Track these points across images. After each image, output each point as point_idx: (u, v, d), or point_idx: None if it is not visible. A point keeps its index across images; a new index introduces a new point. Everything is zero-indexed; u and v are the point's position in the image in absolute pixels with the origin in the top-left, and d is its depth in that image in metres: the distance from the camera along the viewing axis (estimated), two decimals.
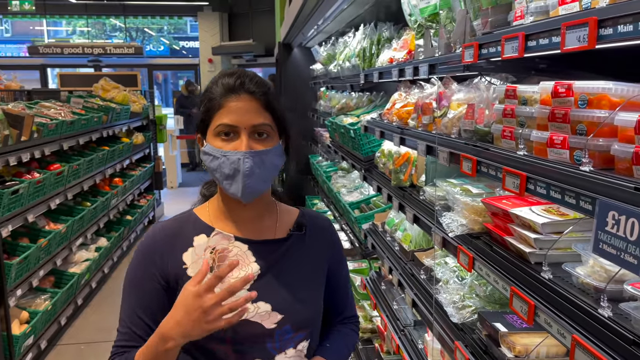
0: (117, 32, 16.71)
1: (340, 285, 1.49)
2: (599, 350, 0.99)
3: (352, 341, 1.52)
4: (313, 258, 1.40)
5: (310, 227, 1.42)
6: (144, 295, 1.29)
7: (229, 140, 1.25)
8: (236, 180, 1.24)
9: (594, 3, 1.09)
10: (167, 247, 1.31)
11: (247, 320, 1.25)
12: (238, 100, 1.24)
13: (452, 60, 1.76)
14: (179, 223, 1.35)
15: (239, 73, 1.29)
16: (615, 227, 0.93)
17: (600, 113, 1.09)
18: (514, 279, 1.34)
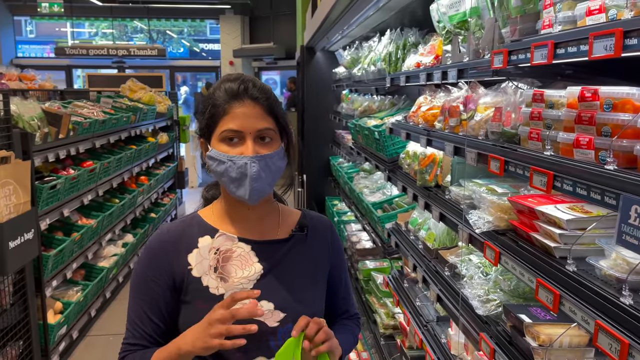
0: (139, 33, 17.02)
1: (342, 285, 1.54)
2: (621, 334, 1.08)
3: (356, 333, 1.57)
4: (314, 258, 1.44)
5: (311, 227, 1.46)
6: (151, 295, 1.33)
7: (234, 145, 1.28)
8: (243, 184, 1.28)
9: (620, 15, 1.18)
10: (172, 248, 1.35)
11: (251, 319, 1.28)
12: (242, 106, 1.28)
13: (481, 66, 1.85)
14: (184, 225, 1.40)
15: (242, 78, 1.33)
16: (637, 220, 1.01)
17: (625, 116, 1.18)
18: (539, 272, 1.43)
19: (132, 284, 1.39)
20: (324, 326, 1.26)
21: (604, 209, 1.41)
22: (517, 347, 1.62)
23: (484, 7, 1.91)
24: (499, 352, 1.67)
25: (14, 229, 2.94)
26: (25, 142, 3.27)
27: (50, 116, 3.68)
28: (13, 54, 13.11)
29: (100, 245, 4.67)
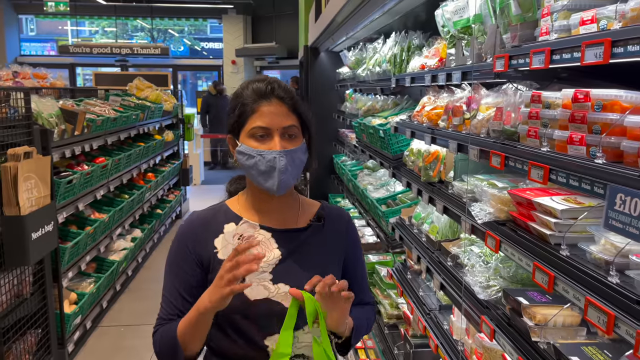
0: (139, 32, 17.12)
1: (357, 273, 1.62)
2: (608, 307, 1.22)
3: (371, 318, 1.64)
4: (330, 246, 1.54)
5: (329, 219, 1.56)
6: (183, 273, 1.46)
7: (263, 141, 1.40)
8: (272, 177, 1.38)
9: (610, 25, 1.32)
10: (201, 233, 1.47)
11: (269, 299, 1.40)
12: (269, 105, 1.40)
13: (483, 69, 1.99)
14: (213, 212, 1.52)
15: (268, 80, 1.45)
16: (622, 206, 1.16)
17: (613, 116, 1.32)
18: (536, 256, 1.57)
19: (167, 265, 1.51)
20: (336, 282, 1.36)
21: (594, 200, 1.56)
22: (515, 328, 1.76)
23: (486, 14, 2.06)
24: (499, 332, 1.82)
25: (35, 221, 3.08)
26: (44, 138, 3.41)
27: (66, 113, 3.81)
28: (17, 52, 13.22)
29: (111, 239, 4.81)
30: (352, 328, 1.50)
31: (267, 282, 1.42)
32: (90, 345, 4.11)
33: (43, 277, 3.43)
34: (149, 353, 4.01)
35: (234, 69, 13.53)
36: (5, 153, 2.99)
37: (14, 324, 3.10)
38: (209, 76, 16.34)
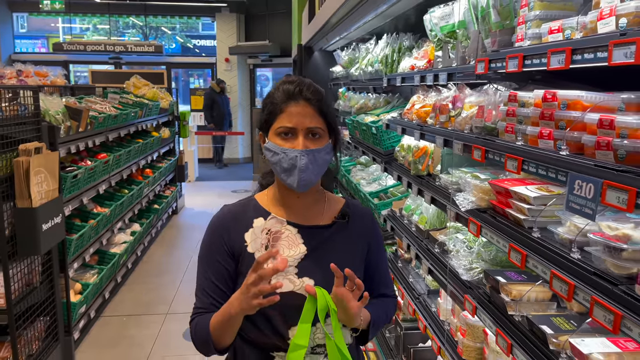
0: (131, 29, 17.13)
1: (380, 267, 1.66)
2: (572, 279, 1.42)
3: (390, 311, 1.69)
4: (353, 243, 1.58)
5: (353, 216, 1.60)
6: (216, 264, 1.51)
7: (288, 140, 1.45)
8: (293, 174, 1.43)
9: (572, 35, 1.52)
10: (232, 226, 1.53)
11: (294, 292, 1.46)
12: (297, 106, 1.45)
13: (467, 71, 2.19)
14: (242, 207, 1.58)
15: (298, 81, 1.49)
16: (579, 191, 1.36)
17: (576, 114, 1.52)
18: (511, 238, 1.77)
19: (200, 257, 1.56)
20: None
21: (563, 189, 1.76)
22: (494, 304, 1.96)
23: (469, 21, 2.25)
24: (480, 309, 2.02)
25: (45, 213, 3.24)
26: (52, 135, 3.56)
27: (71, 111, 3.97)
28: (11, 50, 13.25)
29: (113, 233, 4.96)
30: (370, 322, 1.54)
31: (292, 275, 1.48)
32: (95, 334, 4.28)
33: (51, 267, 3.59)
34: (150, 342, 4.18)
35: (227, 67, 13.65)
36: (16, 148, 3.15)
37: (25, 311, 3.27)
38: (201, 74, 16.42)
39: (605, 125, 1.37)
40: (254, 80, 14.47)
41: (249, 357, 1.53)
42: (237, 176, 11.88)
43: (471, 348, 2.23)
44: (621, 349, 1.43)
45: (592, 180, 1.31)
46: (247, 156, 13.89)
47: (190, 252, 6.35)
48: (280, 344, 1.48)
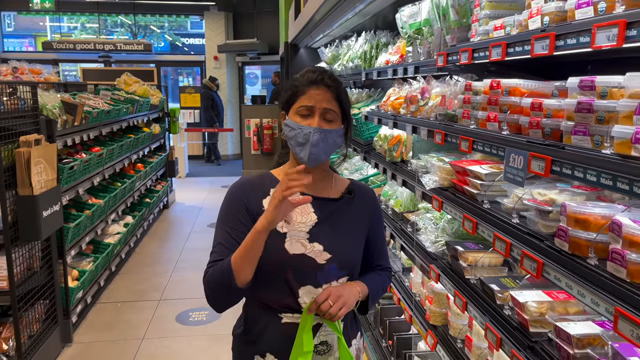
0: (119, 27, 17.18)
1: (378, 241, 1.82)
2: (508, 238, 1.67)
3: (386, 282, 1.85)
4: (357, 217, 1.74)
5: (358, 193, 1.77)
6: (236, 221, 1.64)
7: (305, 118, 1.61)
8: (305, 148, 1.59)
9: (512, 31, 1.77)
10: (251, 192, 1.68)
11: (305, 255, 1.60)
12: (318, 89, 1.60)
13: (430, 64, 2.43)
14: (261, 178, 1.74)
15: (320, 70, 1.66)
16: (513, 162, 1.61)
17: (515, 99, 1.77)
18: (466, 210, 2.02)
19: (219, 217, 1.68)
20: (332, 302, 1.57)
21: None
22: (454, 270, 2.21)
23: (433, 19, 2.49)
24: (443, 276, 2.27)
25: (45, 201, 3.44)
26: (49, 128, 3.76)
27: (67, 105, 4.16)
28: (0, 49, 13.33)
29: (107, 224, 5.16)
30: (368, 295, 1.72)
31: (304, 240, 1.62)
32: (91, 318, 4.48)
33: (50, 253, 3.79)
34: (145, 325, 4.39)
35: (216, 65, 13.83)
36: (17, 140, 3.35)
37: (26, 294, 3.47)
38: (190, 72, 16.55)
39: (536, 107, 1.62)
40: (242, 78, 14.66)
41: (259, 319, 1.67)
42: (226, 172, 12.07)
43: (437, 313, 2.48)
44: (552, 299, 1.68)
45: (522, 153, 1.56)
46: (236, 152, 14.08)
47: (182, 244, 6.55)
48: (289, 302, 1.62)
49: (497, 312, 1.82)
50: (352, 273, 1.71)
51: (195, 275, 5.51)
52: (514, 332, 1.68)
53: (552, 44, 1.40)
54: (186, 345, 4.08)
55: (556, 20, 1.51)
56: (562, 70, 1.96)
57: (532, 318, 1.64)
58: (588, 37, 1.25)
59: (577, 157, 1.34)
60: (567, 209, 1.42)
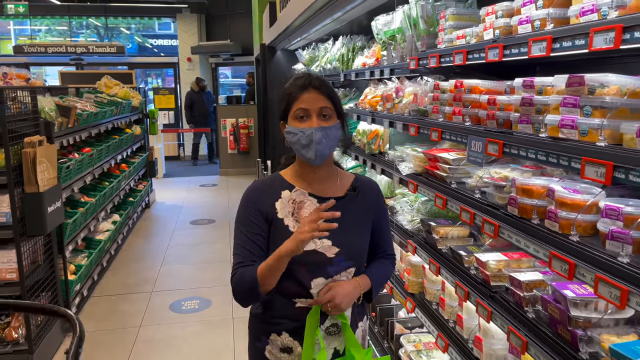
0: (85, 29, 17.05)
1: (382, 231, 1.93)
2: (472, 209, 2.05)
3: (390, 270, 1.97)
4: (362, 212, 1.84)
5: (362, 189, 1.87)
6: (253, 225, 1.75)
7: (303, 121, 1.70)
8: (310, 148, 1.69)
9: (471, 40, 2.15)
10: (263, 194, 1.79)
11: (316, 251, 1.72)
12: (309, 93, 1.71)
13: (404, 67, 2.80)
14: (271, 180, 1.84)
15: (306, 76, 1.76)
16: (474, 147, 1.99)
17: (475, 96, 2.15)
18: (437, 190, 2.40)
19: (237, 221, 1.80)
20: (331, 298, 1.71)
21: None
22: (429, 243, 2.59)
23: (405, 28, 2.86)
24: (419, 248, 2.64)
25: (49, 197, 3.68)
26: (48, 129, 3.99)
27: (61, 108, 4.39)
28: None
29: (98, 221, 5.38)
30: (371, 287, 1.84)
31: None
32: (88, 309, 4.71)
33: (50, 248, 4.02)
34: (140, 314, 4.65)
35: (190, 66, 14.00)
36: (22, 141, 3.58)
37: (32, 285, 3.70)
38: (159, 73, 16.62)
39: (491, 102, 2.01)
40: (216, 79, 14.86)
41: (275, 303, 1.80)
42: (203, 172, 12.27)
43: (414, 282, 2.86)
44: (508, 258, 2.07)
45: (480, 139, 1.95)
46: None
47: (167, 240, 6.80)
48: (303, 292, 1.75)
49: (464, 272, 2.20)
50: (359, 262, 1.83)
51: (183, 269, 5.79)
52: (479, 286, 2.06)
53: (501, 52, 1.78)
54: (181, 330, 4.36)
55: (504, 33, 1.89)
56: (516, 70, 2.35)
57: (492, 274, 2.03)
58: (526, 48, 1.63)
59: (522, 141, 1.72)
60: (516, 182, 1.80)
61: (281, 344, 1.80)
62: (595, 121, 1.40)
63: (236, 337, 4.18)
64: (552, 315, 1.64)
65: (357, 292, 1.79)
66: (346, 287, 1.75)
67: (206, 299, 4.94)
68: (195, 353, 3.97)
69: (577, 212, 1.53)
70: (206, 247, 6.48)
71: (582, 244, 1.47)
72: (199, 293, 5.11)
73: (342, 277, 1.77)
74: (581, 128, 1.45)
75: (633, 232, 1.34)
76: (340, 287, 1.74)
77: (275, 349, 1.81)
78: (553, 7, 1.60)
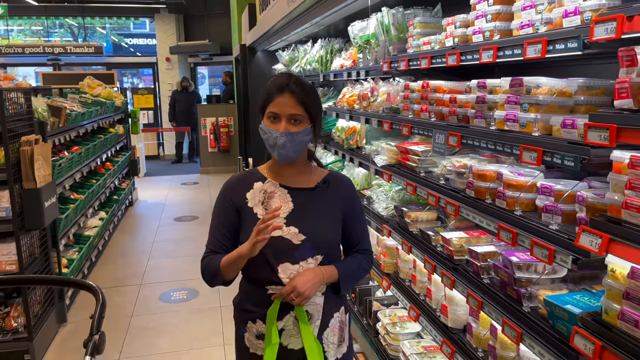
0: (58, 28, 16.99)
1: (355, 226, 1.96)
2: (437, 193, 2.36)
3: (363, 264, 1.97)
4: (331, 203, 1.90)
5: (333, 182, 1.94)
6: (224, 216, 1.88)
7: (275, 122, 1.79)
8: (275, 149, 1.80)
9: (436, 47, 2.46)
10: (237, 187, 1.91)
11: (282, 237, 1.80)
12: (283, 97, 1.77)
13: (378, 69, 3.11)
14: (247, 174, 1.95)
15: (287, 77, 1.81)
16: (438, 139, 2.30)
17: (439, 95, 2.46)
18: (407, 178, 2.71)
19: (214, 212, 1.93)
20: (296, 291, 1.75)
21: None
22: (401, 227, 2.90)
23: (379, 33, 3.17)
24: (393, 232, 2.95)
25: (46, 193, 3.89)
26: (42, 129, 4.18)
27: (52, 109, 4.57)
28: None
29: (86, 217, 5.57)
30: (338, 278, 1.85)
31: (282, 224, 1.82)
32: (80, 301, 4.91)
33: (45, 242, 4.22)
34: (131, 305, 4.87)
35: (169, 66, 14.12)
36: (19, 140, 3.78)
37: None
38: (135, 73, 16.66)
39: (453, 101, 2.32)
40: (195, 78, 15.00)
41: (250, 292, 1.91)
42: (184, 170, 12.44)
43: (389, 263, 3.17)
44: (469, 235, 2.39)
45: (443, 132, 2.26)
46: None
47: (152, 236, 7.00)
48: (270, 276, 1.82)
49: (432, 249, 2.51)
50: (328, 253, 1.85)
51: (170, 262, 6.01)
52: (444, 260, 2.38)
53: (459, 58, 2.09)
54: (172, 319, 4.60)
55: (462, 41, 2.20)
56: (480, 71, 2.67)
57: (455, 249, 2.34)
58: (478, 55, 1.94)
59: (476, 133, 2.04)
60: (473, 169, 2.12)
61: (256, 331, 1.87)
62: (531, 115, 1.72)
63: (224, 323, 4.44)
64: (502, 279, 1.96)
65: (319, 279, 1.79)
66: (307, 275, 1.78)
67: (194, 290, 5.19)
68: (186, 338, 4.22)
69: (520, 191, 1.85)
70: (191, 242, 6.70)
71: (523, 217, 1.78)
72: (187, 284, 5.34)
73: (309, 264, 1.81)
74: (521, 121, 1.77)
75: (561, 205, 1.67)
76: (301, 276, 1.77)
77: (252, 336, 1.88)
78: (499, 20, 1.92)
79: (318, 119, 1.87)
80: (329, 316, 1.88)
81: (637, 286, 1.33)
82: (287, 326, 1.82)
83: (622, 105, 1.33)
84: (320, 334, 1.85)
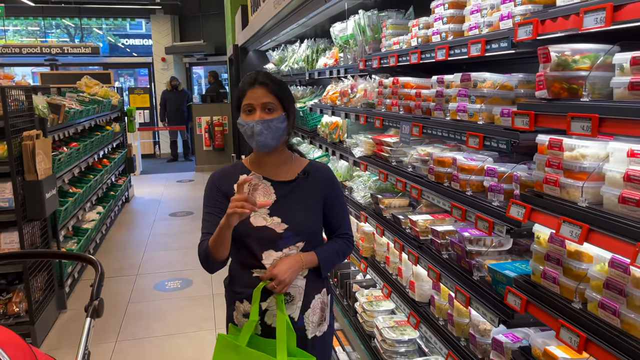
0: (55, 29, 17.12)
1: (335, 212, 2.07)
2: (404, 179, 2.61)
3: (343, 247, 2.08)
4: (312, 193, 2.01)
5: (312, 172, 2.04)
6: (214, 202, 2.00)
7: (250, 115, 1.90)
8: (253, 138, 1.89)
9: (404, 46, 2.70)
10: (224, 178, 2.03)
11: (266, 227, 1.91)
12: (254, 89, 1.89)
13: (355, 67, 3.35)
14: (233, 166, 2.08)
15: (256, 73, 1.96)
16: (404, 130, 2.54)
17: (407, 90, 2.70)
18: (381, 167, 2.95)
19: (204, 201, 2.04)
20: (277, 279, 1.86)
21: None
22: (377, 213, 3.14)
23: (357, 34, 3.41)
24: (369, 218, 3.19)
25: (47, 185, 4.11)
26: (42, 125, 4.41)
27: (52, 106, 4.80)
28: None
29: (84, 211, 5.79)
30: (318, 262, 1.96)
31: (265, 215, 1.95)
32: (79, 289, 5.14)
33: (46, 232, 4.45)
34: (127, 293, 5.10)
35: (164, 66, 14.34)
36: (20, 135, 4.00)
37: (31, 265, 4.13)
38: (131, 73, 16.85)
39: (418, 95, 2.56)
40: (190, 78, 15.22)
41: (237, 274, 2.04)
42: (179, 168, 12.66)
43: (367, 247, 3.41)
44: (434, 218, 2.64)
45: (408, 123, 2.50)
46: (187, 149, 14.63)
47: (148, 230, 7.22)
48: (256, 263, 1.95)
49: (402, 232, 2.75)
50: (309, 238, 1.97)
51: (165, 254, 6.24)
52: (411, 240, 2.62)
53: (419, 56, 2.33)
54: (166, 305, 4.84)
55: (424, 41, 2.45)
56: (451, 67, 2.91)
57: (421, 230, 2.58)
58: (434, 53, 2.19)
59: (435, 123, 2.28)
60: (433, 156, 2.37)
61: (243, 310, 1.99)
62: (477, 106, 1.97)
63: (216, 309, 4.68)
64: (457, 253, 2.21)
65: (299, 266, 1.90)
66: (287, 262, 1.89)
67: (188, 279, 5.42)
68: (180, 322, 4.46)
69: (471, 174, 2.09)
70: (186, 236, 6.93)
71: (472, 197, 2.03)
72: (181, 275, 5.58)
73: (291, 251, 1.93)
74: (469, 111, 2.01)
75: (503, 185, 1.91)
76: (281, 263, 1.88)
77: (240, 314, 2.01)
78: (453, 23, 2.16)
79: (291, 108, 1.98)
80: (310, 297, 1.99)
81: (556, 249, 1.58)
82: (271, 306, 1.94)
83: (540, 95, 1.57)
84: (302, 314, 1.98)
